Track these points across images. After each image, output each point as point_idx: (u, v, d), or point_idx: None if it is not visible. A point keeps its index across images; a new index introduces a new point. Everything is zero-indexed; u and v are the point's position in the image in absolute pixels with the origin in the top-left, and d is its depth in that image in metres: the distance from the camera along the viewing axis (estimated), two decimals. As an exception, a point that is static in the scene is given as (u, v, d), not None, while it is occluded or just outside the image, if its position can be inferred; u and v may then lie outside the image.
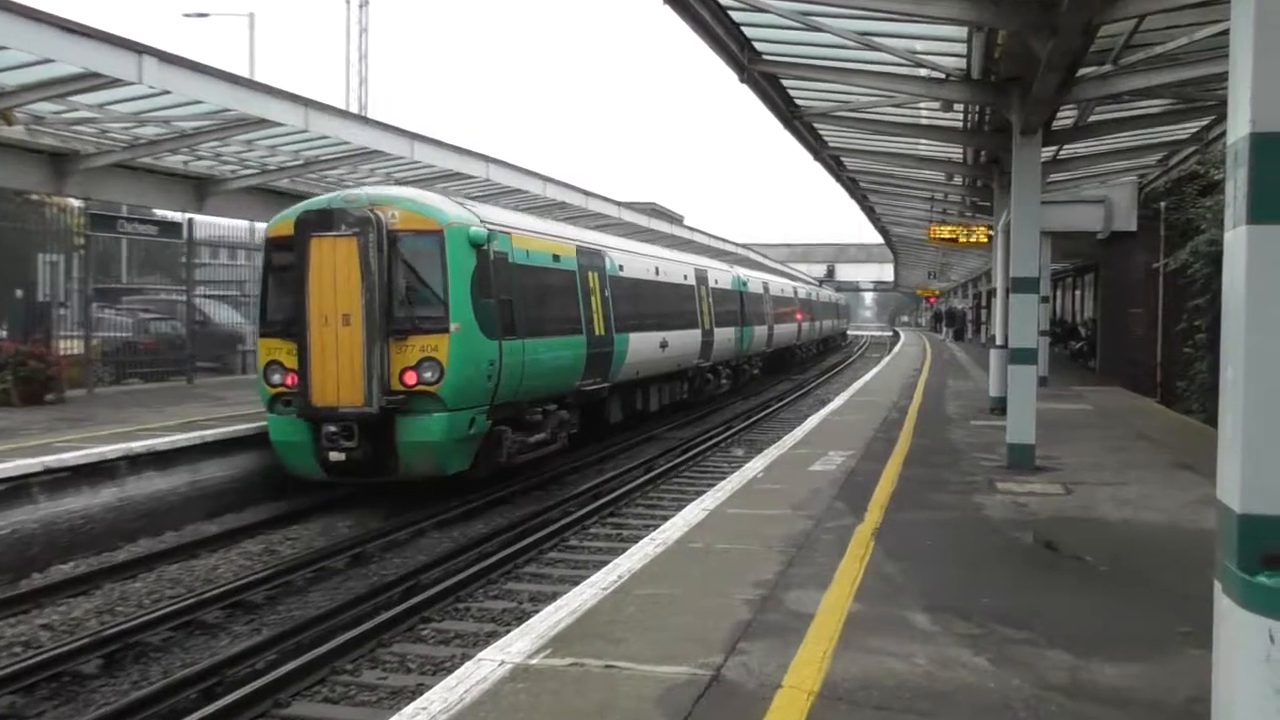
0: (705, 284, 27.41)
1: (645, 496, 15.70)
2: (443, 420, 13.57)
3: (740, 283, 32.07)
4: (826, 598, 6.98)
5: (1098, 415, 18.63)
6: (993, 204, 19.87)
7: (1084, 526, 9.31)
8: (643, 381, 22.05)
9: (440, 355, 13.48)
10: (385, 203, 13.70)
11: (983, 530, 9.16)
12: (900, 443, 14.72)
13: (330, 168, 19.78)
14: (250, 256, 26.32)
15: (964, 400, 21.28)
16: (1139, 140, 18.20)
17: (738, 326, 30.49)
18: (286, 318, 13.77)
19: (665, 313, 23.28)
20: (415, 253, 13.65)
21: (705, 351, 26.71)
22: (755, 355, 34.47)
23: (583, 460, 18.62)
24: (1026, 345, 12.59)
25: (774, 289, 39.23)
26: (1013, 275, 12.78)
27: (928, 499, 10.49)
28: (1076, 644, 6.10)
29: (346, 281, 13.34)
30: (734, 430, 22.95)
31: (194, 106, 15.40)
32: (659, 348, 22.40)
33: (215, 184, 20.52)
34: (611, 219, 29.75)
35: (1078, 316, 41.11)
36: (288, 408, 13.82)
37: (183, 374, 22.54)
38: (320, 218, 13.50)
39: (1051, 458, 12.99)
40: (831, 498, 10.47)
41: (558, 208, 27.25)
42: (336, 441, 13.41)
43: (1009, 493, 10.84)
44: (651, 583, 7.41)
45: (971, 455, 13.51)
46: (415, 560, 11.89)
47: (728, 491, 10.89)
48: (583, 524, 13.58)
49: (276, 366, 13.99)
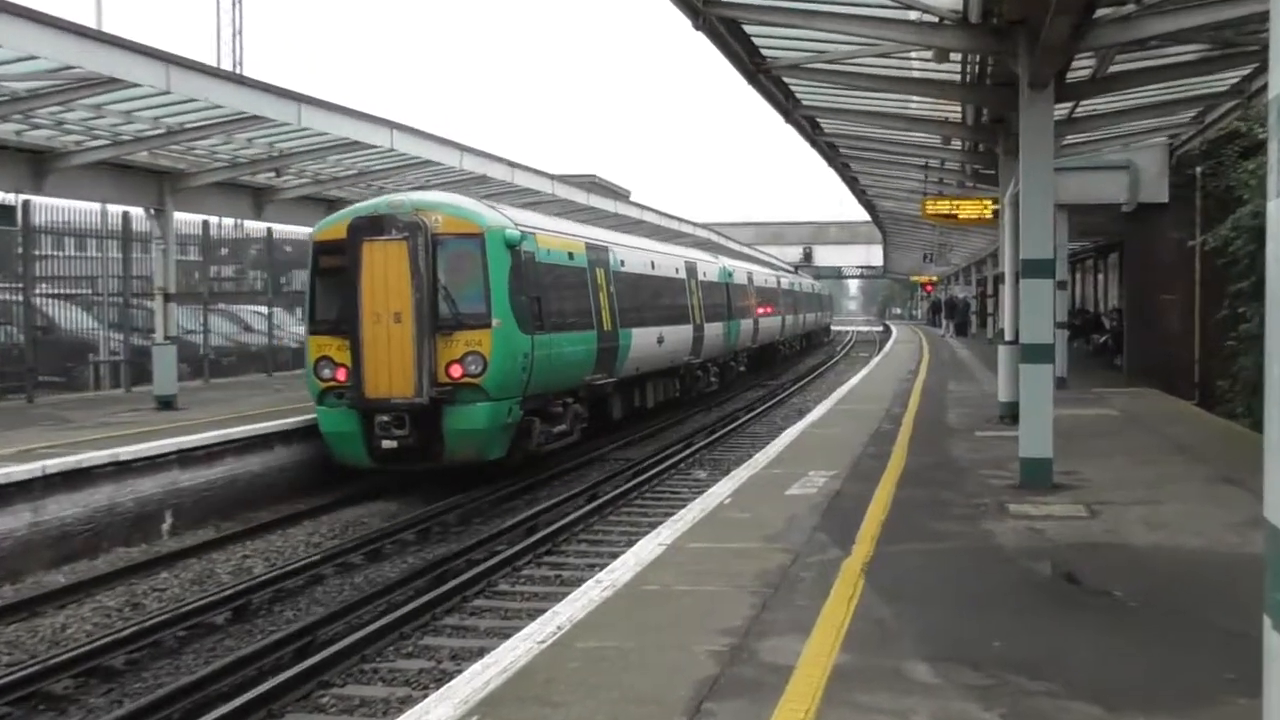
0: (695, 276, 31.30)
1: (589, 530, 15.72)
2: (486, 409, 17.60)
3: (726, 274, 35.79)
4: (808, 647, 7.01)
5: (1126, 422, 18.89)
6: (998, 172, 20.07)
7: (1111, 555, 9.43)
8: (640, 379, 25.85)
9: (483, 349, 17.53)
10: (428, 208, 17.88)
11: (992, 562, 9.25)
12: (893, 460, 14.83)
13: (200, 136, 19.59)
14: (104, 246, 26.03)
15: (968, 407, 21.52)
16: (1169, 94, 18.47)
17: (725, 321, 34.20)
18: (336, 316, 17.79)
19: (661, 307, 27.17)
20: (458, 254, 17.73)
21: (696, 347, 30.37)
22: (741, 352, 38.25)
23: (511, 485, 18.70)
24: (1040, 340, 12.72)
25: (758, 280, 42.76)
26: (1023, 257, 12.90)
27: (927, 526, 10.58)
28: (1105, 695, 6.16)
29: (397, 282, 17.34)
30: (694, 448, 23.07)
31: (28, 64, 15.15)
32: (657, 343, 26.16)
33: (57, 158, 20.22)
34: (543, 195, 29.73)
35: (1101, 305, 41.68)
36: (340, 400, 17.70)
37: (21, 391, 22.20)
38: (372, 223, 17.57)
39: (1072, 474, 13.14)
40: (812, 527, 10.52)
41: (477, 183, 27.19)
42: (389, 430, 17.37)
43: (1023, 516, 10.96)
44: (598, 633, 7.41)
45: (978, 473, 13.65)
46: (312, 612, 11.82)
47: (688, 522, 10.92)
48: (513, 565, 13.57)
49: (326, 362, 17.89)
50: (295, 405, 21.16)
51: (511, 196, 29.52)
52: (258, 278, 32.80)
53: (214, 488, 16.71)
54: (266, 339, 30.83)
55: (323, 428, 18.07)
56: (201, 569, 13.84)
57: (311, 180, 25.01)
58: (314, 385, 18.12)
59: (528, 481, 19.27)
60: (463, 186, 27.48)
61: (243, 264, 34.07)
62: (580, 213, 33.07)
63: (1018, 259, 14.42)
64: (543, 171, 29.64)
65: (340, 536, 15.63)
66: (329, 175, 24.75)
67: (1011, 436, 14.14)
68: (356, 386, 17.46)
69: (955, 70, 16.31)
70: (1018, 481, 12.64)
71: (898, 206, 38.44)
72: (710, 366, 33.29)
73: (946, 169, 26.28)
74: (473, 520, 16.71)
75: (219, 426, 17.74)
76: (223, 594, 12.16)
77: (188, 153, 21.16)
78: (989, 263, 49.05)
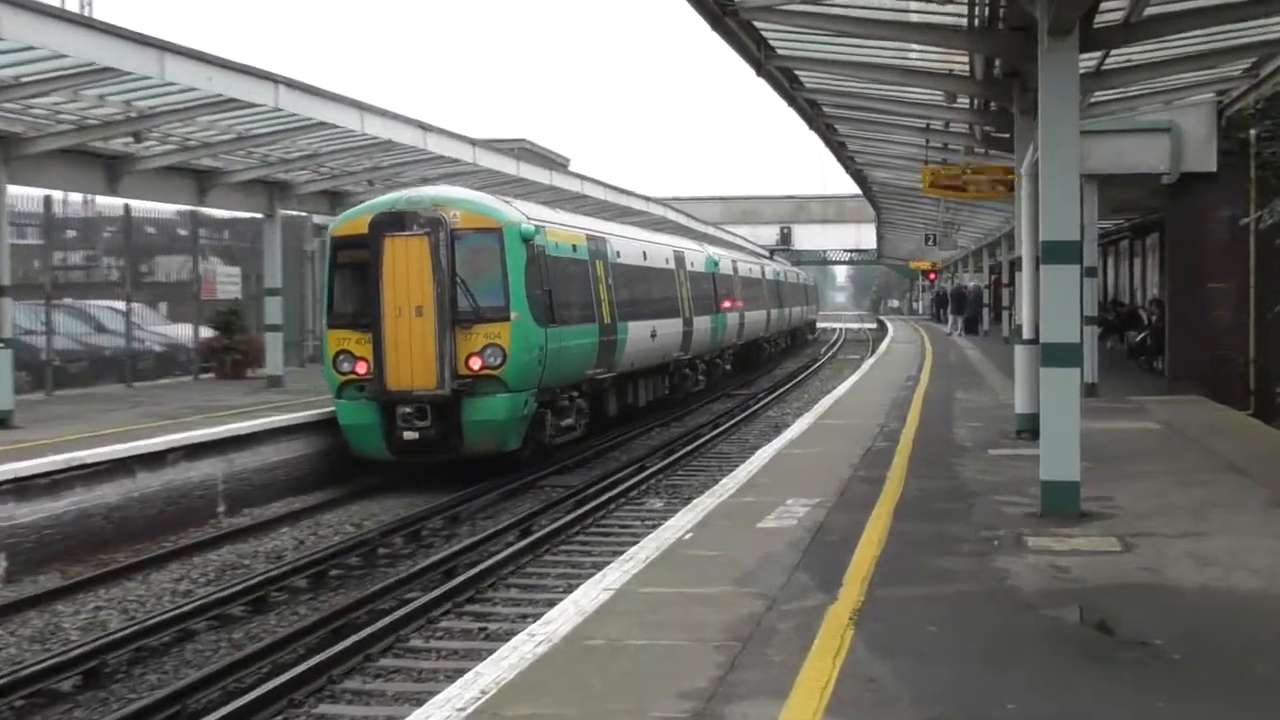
0: (683, 267, 35.51)
1: (520, 573, 15.71)
2: (505, 401, 21.58)
3: (712, 264, 39.96)
4: (786, 713, 7.02)
5: (1168, 436, 19.08)
6: (1013, 136, 20.19)
7: (1150, 598, 9.51)
8: (634, 375, 29.77)
9: (502, 342, 21.49)
10: (447, 204, 21.94)
11: (1008, 608, 9.30)
12: (889, 485, 14.88)
13: (39, 92, 19.39)
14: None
15: (979, 420, 21.67)
16: (1217, 41, 18.60)
17: (712, 315, 38.21)
18: (355, 310, 21.95)
19: (654, 300, 31.39)
20: (477, 249, 21.72)
21: (685, 343, 34.34)
22: (727, 348, 42.33)
23: (426, 518, 18.65)
24: (1065, 339, 12.79)
25: (742, 269, 46.96)
26: (1043, 239, 12.99)
27: (929, 565, 10.63)
28: (1142, 767, 6.20)
29: (419, 276, 21.23)
30: (648, 471, 23.14)
31: None
32: (650, 338, 30.00)
33: None
34: (463, 165, 29.68)
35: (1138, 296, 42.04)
36: (360, 393, 21.60)
37: None
38: (393, 219, 21.52)
39: (1104, 499, 13.24)
40: (791, 567, 10.54)
41: (381, 150, 27.08)
42: (411, 422, 21.26)
43: (1044, 552, 11.03)
44: (530, 698, 7.39)
45: (991, 499, 13.72)
46: (181, 676, 11.70)
47: (641, 561, 10.92)
48: (428, 615, 13.52)
49: (346, 355, 21.80)
50: (162, 422, 21.06)
51: (424, 166, 29.49)
52: (112, 266, 32.54)
53: (59, 524, 16.55)
54: (124, 341, 30.53)
55: (341, 420, 22.03)
56: (44, 624, 13.68)
57: (179, 147, 24.81)
58: (332, 379, 22.15)
59: (450, 508, 19.37)
60: (365, 154, 27.44)
61: (95, 249, 33.78)
62: (509, 185, 33.09)
63: (1037, 241, 14.52)
64: (462, 135, 29.58)
65: (216, 582, 15.52)
66: (200, 140, 24.56)
67: (1031, 455, 14.21)
68: (379, 379, 21.38)
69: (961, 12, 16.39)
70: (1038, 510, 12.70)
71: (893, 177, 38.59)
72: (698, 364, 37.21)
73: (952, 132, 26.42)
74: (377, 563, 16.68)
75: (66, 449, 17.57)
76: (70, 654, 11.99)
77: (24, 113, 20.93)
78: (1003, 245, 49.36)
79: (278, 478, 21.34)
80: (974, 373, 34.09)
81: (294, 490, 21.54)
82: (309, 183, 30.16)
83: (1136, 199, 29.74)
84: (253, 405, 24.30)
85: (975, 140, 25.43)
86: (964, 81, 20.64)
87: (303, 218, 36.48)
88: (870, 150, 32.44)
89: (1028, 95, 18.04)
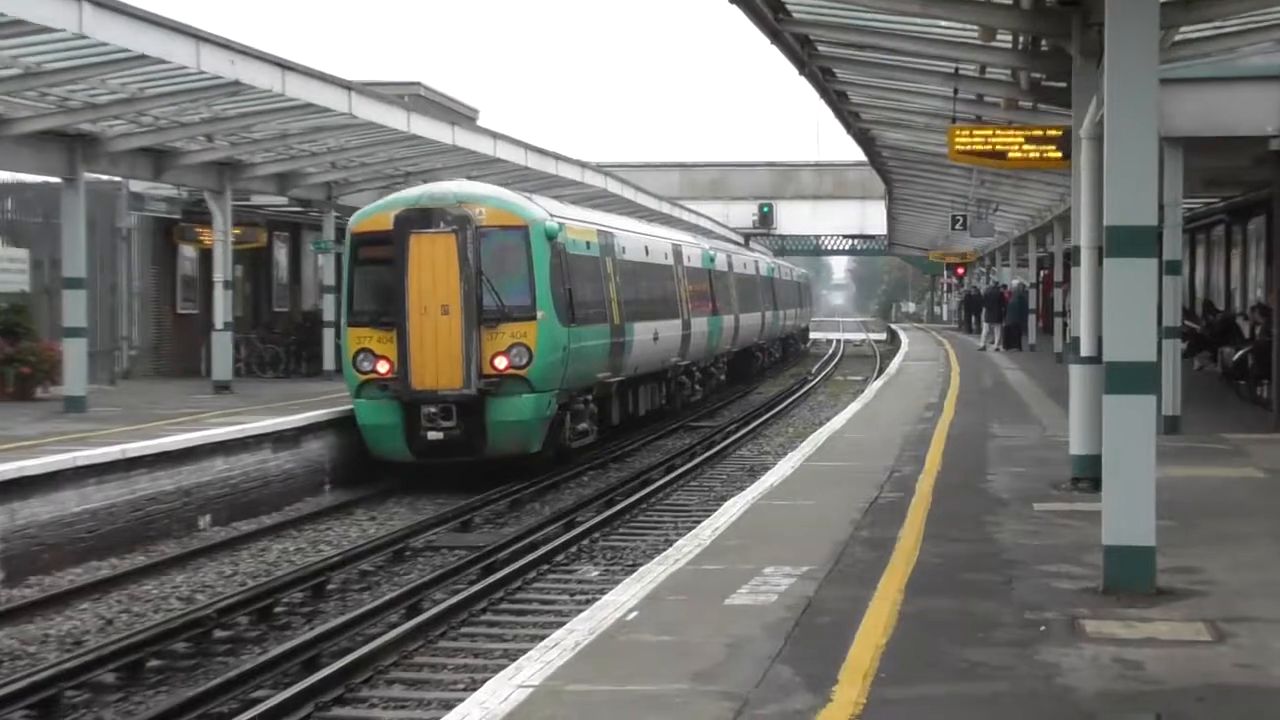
0: (681, 262, 43.05)
1: (405, 664, 15.63)
2: (531, 401, 27.84)
3: (709, 259, 47.84)
4: None
5: (1275, 488, 19.18)
6: (1070, 85, 20.26)
7: (1251, 704, 9.55)
8: (636, 381, 36.32)
9: (529, 341, 27.73)
10: (472, 200, 28.26)
11: (1058, 716, 9.32)
12: (901, 548, 14.91)
13: None
14: None
15: (1022, 463, 21.74)
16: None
17: (708, 317, 45.53)
18: (376, 308, 28.33)
19: (656, 300, 38.51)
20: (503, 247, 28.12)
21: (683, 347, 41.55)
22: (721, 355, 50.19)
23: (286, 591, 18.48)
24: (1137, 357, 12.77)
25: (736, 265, 55.14)
26: (1109, 223, 12.97)
27: (953, 657, 10.62)
28: None
29: (445, 274, 27.22)
30: (581, 528, 23.15)
31: None
32: (652, 340, 36.65)
33: None
34: (335, 115, 29.58)
35: (1235, 300, 42.21)
36: (382, 392, 27.79)
37: None
38: (420, 216, 27.59)
39: (1188, 571, 13.28)
40: (769, 657, 10.52)
41: (225, 94, 26.90)
42: (435, 422, 27.22)
43: (1108, 641, 11.03)
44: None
45: (1036, 570, 13.74)
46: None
47: (569, 649, 10.88)
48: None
49: (366, 354, 27.98)
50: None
51: (282, 116, 29.39)
52: None
53: None
54: None
55: (361, 420, 28.27)
56: None
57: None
58: (352, 378, 28.49)
59: (316, 575, 19.35)
60: (203, 99, 27.25)
61: None
62: (399, 144, 33.11)
63: (1101, 226, 14.54)
64: (334, 78, 29.47)
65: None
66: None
67: (1090, 511, 14.26)
68: (403, 378, 27.41)
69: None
70: (1100, 584, 12.72)
71: (910, 140, 38.68)
72: (694, 371, 44.74)
73: (989, 79, 26.48)
74: (214, 650, 16.55)
75: None
76: None
77: None
78: (1055, 231, 49.49)
79: (78, 534, 21.19)
80: (1015, 400, 34.21)
81: (104, 551, 21.47)
82: (125, 136, 30.02)
83: (1236, 170, 29.92)
84: (44, 438, 24.05)
85: (1020, 91, 25.48)
86: (1007, 11, 20.68)
87: (116, 184, 36.29)
88: (880, 103, 32.51)
89: (1091, 31, 18.13)
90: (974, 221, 57.49)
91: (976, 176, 42.81)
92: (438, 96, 60.12)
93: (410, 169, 39.53)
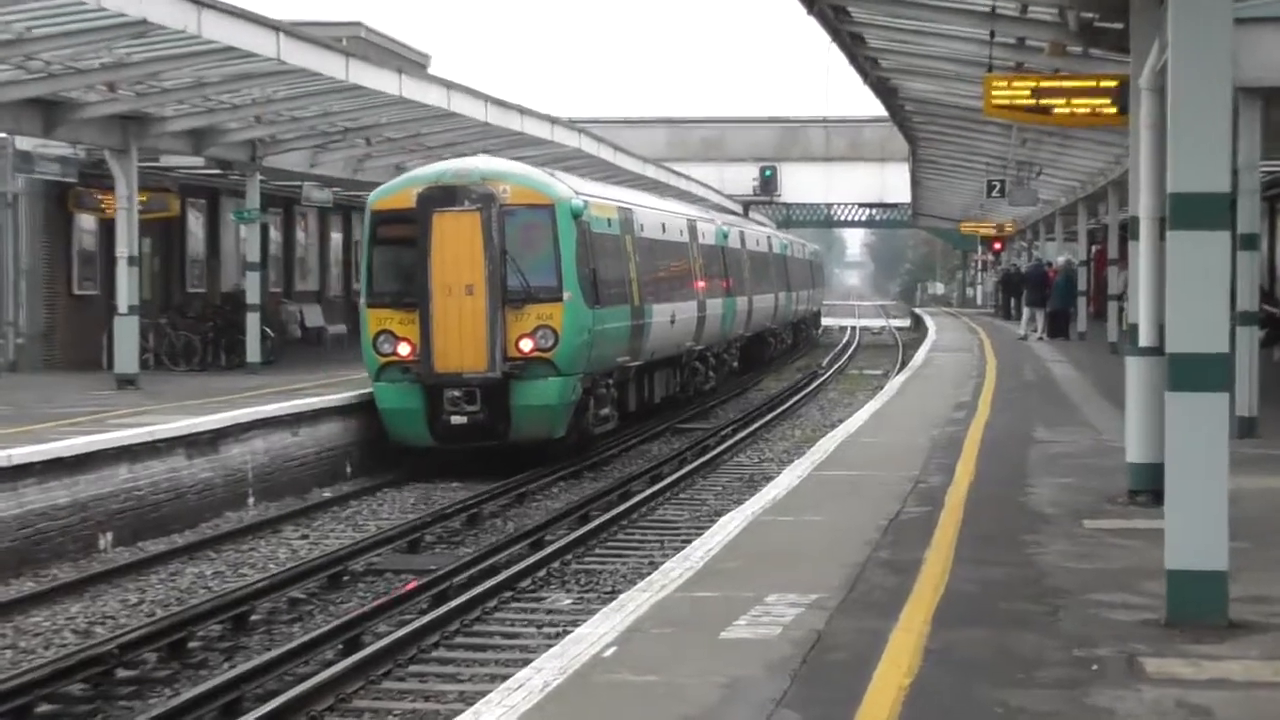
0: (695, 239, 47.58)
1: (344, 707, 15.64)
2: (557, 384, 31.42)
3: (722, 235, 52.44)
4: None
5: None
6: (1127, 27, 20.26)
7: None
8: (651, 366, 40.65)
9: (555, 323, 31.32)
10: (497, 178, 31.73)
11: (1117, 772, 9.27)
12: (929, 573, 14.91)
13: None
14: None
15: (1071, 473, 21.81)
16: None
17: (723, 298, 50.20)
18: (397, 288, 32.03)
19: (672, 280, 43.09)
20: (528, 225, 31.65)
21: (698, 331, 46.04)
22: (734, 341, 54.93)
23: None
24: (1206, 348, 12.73)
25: (749, 242, 59.85)
26: (1174, 189, 12.92)
27: (990, 701, 10.55)
28: None
29: (470, 254, 30.73)
30: (552, 546, 23.21)
31: None
32: (669, 323, 41.19)
33: None
34: (261, 60, 29.54)
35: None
36: (405, 374, 31.32)
37: None
38: (443, 193, 31.03)
39: (1266, 600, 13.28)
40: (772, 701, 10.46)
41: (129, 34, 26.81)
42: (459, 406, 30.84)
43: (1171, 682, 10.99)
44: None
45: (1087, 599, 13.73)
46: None
47: (536, 691, 10.84)
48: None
49: (387, 336, 31.50)
50: None
51: (197, 61, 29.33)
52: None
53: None
54: None
55: (381, 404, 31.99)
56: None
57: None
58: (372, 360, 31.97)
59: (236, 605, 19.29)
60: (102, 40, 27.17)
61: None
62: (337, 95, 33.22)
63: (1163, 193, 14.50)
64: (260, 17, 29.39)
65: None
66: None
67: (1150, 530, 14.24)
68: (425, 360, 31.02)
69: None
70: (1162, 616, 12.68)
71: (938, 91, 38.76)
72: (708, 356, 49.15)
73: (1031, 19, 26.46)
74: (114, 697, 16.44)
75: None
76: None
77: None
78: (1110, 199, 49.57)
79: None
80: (1062, 398, 34.32)
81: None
82: (10, 85, 29.95)
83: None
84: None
85: (1068, 34, 25.47)
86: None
87: (0, 142, 36.23)
88: (903, 48, 32.54)
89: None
90: (1013, 188, 57.45)
91: (1017, 135, 42.88)
92: (382, 40, 60.36)
93: (349, 124, 39.71)
